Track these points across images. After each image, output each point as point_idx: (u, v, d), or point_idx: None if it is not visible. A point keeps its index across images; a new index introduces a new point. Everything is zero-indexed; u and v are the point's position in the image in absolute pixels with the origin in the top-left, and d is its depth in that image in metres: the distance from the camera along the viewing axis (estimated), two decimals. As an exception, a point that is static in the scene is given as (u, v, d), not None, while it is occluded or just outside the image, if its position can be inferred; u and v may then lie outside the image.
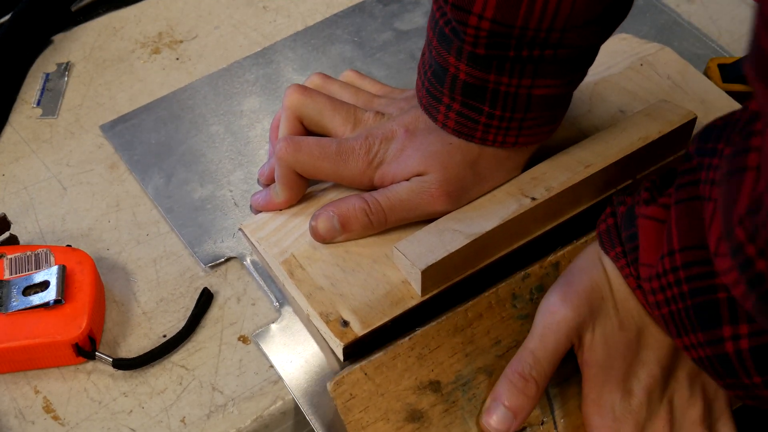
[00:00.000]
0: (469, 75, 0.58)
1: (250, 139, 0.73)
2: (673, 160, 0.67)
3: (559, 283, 0.58)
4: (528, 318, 0.61)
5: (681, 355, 0.57)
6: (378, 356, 0.58)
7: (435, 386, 0.58)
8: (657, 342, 0.57)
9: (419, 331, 0.59)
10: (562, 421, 0.59)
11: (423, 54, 0.62)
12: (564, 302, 0.56)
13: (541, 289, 0.61)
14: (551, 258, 0.62)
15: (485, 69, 0.57)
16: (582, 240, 0.63)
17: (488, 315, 0.60)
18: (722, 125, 0.51)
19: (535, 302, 0.61)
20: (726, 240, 0.44)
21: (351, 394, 0.57)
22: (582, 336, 0.57)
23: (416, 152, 0.61)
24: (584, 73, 0.61)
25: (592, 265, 0.58)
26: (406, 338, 0.58)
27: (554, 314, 0.56)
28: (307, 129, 0.65)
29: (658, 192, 0.55)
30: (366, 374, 0.57)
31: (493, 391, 0.57)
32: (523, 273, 0.61)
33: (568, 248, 0.63)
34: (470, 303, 0.60)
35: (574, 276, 0.58)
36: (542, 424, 0.59)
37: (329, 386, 0.57)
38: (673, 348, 0.57)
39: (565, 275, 0.59)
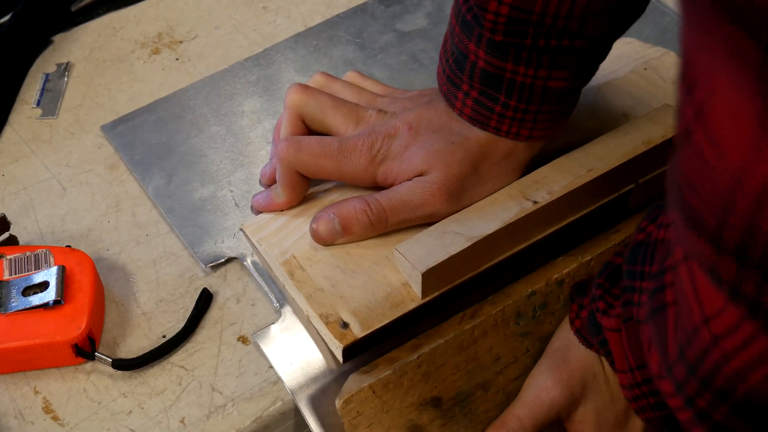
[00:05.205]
0: (488, 63, 0.58)
1: (251, 139, 0.73)
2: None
3: (554, 358, 0.59)
4: (528, 335, 0.61)
5: None
6: (387, 374, 0.58)
7: (436, 402, 0.59)
8: None
9: (428, 349, 0.59)
10: None
11: (445, 42, 0.62)
12: (558, 382, 0.59)
13: (544, 307, 0.62)
14: (556, 276, 0.62)
15: (503, 57, 0.57)
16: (587, 258, 0.63)
17: (493, 333, 0.61)
18: (645, 242, 0.52)
19: (536, 320, 0.62)
20: (667, 376, 0.45)
21: (358, 412, 0.57)
22: (573, 410, 0.59)
23: (420, 150, 0.61)
24: (596, 68, 0.61)
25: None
26: (415, 356, 0.58)
27: (548, 391, 0.58)
28: (309, 128, 0.65)
29: (612, 297, 0.56)
30: (374, 392, 0.57)
31: None
32: (529, 291, 0.62)
33: (573, 266, 0.63)
34: (477, 321, 0.60)
35: (569, 352, 0.59)
36: None
37: (338, 403, 0.57)
38: None
39: (560, 349, 0.60)
